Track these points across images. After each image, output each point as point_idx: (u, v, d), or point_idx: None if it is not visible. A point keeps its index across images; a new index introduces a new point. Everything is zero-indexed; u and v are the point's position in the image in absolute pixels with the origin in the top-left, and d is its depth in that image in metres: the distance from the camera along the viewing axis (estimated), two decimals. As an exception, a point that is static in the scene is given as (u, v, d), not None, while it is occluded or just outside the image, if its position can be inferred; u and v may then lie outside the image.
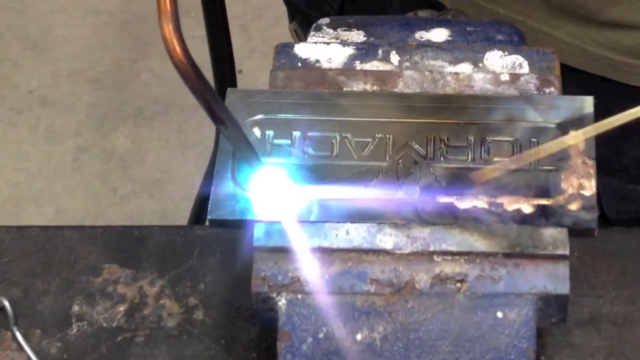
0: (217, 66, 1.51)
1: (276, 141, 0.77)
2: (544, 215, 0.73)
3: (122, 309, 0.86)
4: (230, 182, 0.76)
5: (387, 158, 0.76)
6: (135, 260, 0.88)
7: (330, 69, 0.82)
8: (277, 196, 0.74)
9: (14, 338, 0.84)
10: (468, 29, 0.85)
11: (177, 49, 0.62)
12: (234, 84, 1.55)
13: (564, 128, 0.76)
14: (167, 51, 0.63)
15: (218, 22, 1.46)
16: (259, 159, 0.73)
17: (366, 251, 0.73)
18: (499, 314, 0.72)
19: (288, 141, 0.77)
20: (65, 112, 2.38)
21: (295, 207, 0.74)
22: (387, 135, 0.77)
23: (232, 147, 0.74)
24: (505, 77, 0.80)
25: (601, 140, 0.76)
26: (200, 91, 0.65)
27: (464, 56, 0.82)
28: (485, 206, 0.74)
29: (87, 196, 2.25)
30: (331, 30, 0.85)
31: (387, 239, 0.73)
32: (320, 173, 0.76)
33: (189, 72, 0.63)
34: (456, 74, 0.80)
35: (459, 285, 0.72)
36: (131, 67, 2.43)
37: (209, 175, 1.56)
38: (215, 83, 1.51)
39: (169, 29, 0.62)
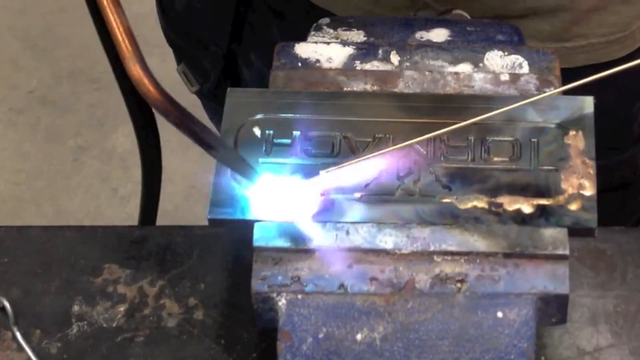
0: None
1: (276, 141, 0.77)
2: (544, 215, 0.73)
3: (122, 309, 0.86)
4: (230, 182, 0.76)
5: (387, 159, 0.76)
6: (135, 260, 0.88)
7: (331, 69, 0.82)
8: (277, 196, 0.74)
9: (14, 338, 0.84)
10: (468, 29, 0.85)
11: (151, 88, 0.60)
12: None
13: (563, 128, 0.76)
14: (141, 93, 0.60)
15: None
16: (257, 174, 0.73)
17: (366, 251, 0.73)
18: (499, 314, 0.72)
19: (288, 141, 0.77)
20: (65, 112, 2.39)
21: (295, 207, 0.74)
22: (387, 135, 0.77)
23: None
24: (505, 77, 0.80)
25: None
26: (185, 124, 0.63)
27: (464, 56, 0.82)
28: (485, 206, 0.74)
29: (87, 196, 2.26)
30: (331, 30, 0.85)
31: (387, 239, 0.73)
32: (319, 173, 0.76)
33: (169, 108, 0.61)
34: (456, 74, 0.81)
35: (459, 285, 0.72)
36: (131, 67, 2.42)
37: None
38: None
39: (137, 70, 0.60)
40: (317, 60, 0.82)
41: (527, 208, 0.73)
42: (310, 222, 0.74)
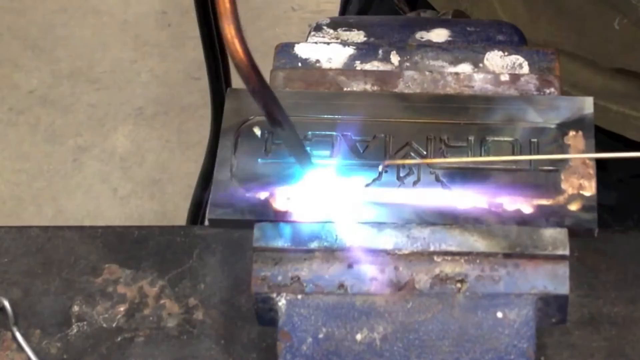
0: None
1: (276, 141, 0.77)
2: (544, 215, 0.73)
3: (122, 309, 0.86)
4: (230, 182, 0.76)
5: (387, 158, 0.76)
6: (135, 260, 0.88)
7: (331, 69, 0.82)
8: (277, 196, 0.74)
9: (14, 338, 0.84)
10: (468, 29, 0.85)
11: (239, 50, 0.62)
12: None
13: (563, 128, 0.76)
14: (228, 52, 0.63)
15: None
16: (311, 163, 0.73)
17: (366, 251, 0.73)
18: (499, 314, 0.72)
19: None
20: (65, 112, 2.39)
21: (295, 207, 0.74)
22: (387, 135, 0.77)
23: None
24: (505, 78, 0.80)
25: None
26: (261, 93, 0.65)
27: (464, 56, 0.82)
28: (485, 206, 0.74)
29: (87, 196, 2.26)
30: (331, 30, 0.85)
31: (387, 239, 0.73)
32: (320, 173, 0.76)
33: (251, 74, 0.63)
34: (456, 74, 0.81)
35: (459, 285, 0.72)
36: (131, 67, 2.43)
37: (204, 177, 1.54)
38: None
39: (230, 30, 0.62)
40: (317, 60, 0.82)
41: (527, 208, 0.73)
42: (310, 222, 0.74)
